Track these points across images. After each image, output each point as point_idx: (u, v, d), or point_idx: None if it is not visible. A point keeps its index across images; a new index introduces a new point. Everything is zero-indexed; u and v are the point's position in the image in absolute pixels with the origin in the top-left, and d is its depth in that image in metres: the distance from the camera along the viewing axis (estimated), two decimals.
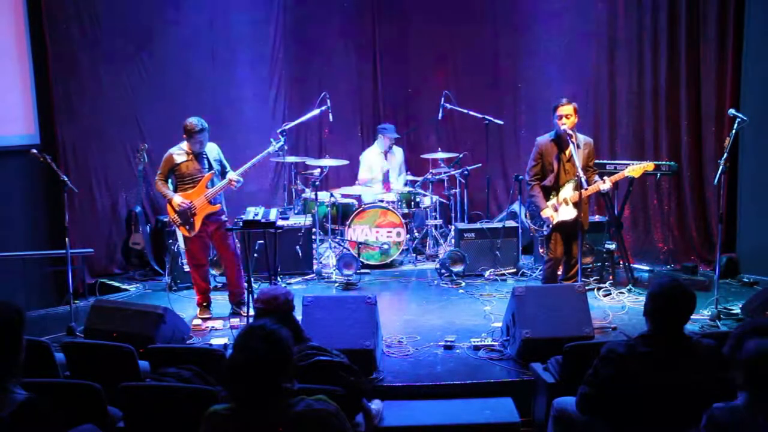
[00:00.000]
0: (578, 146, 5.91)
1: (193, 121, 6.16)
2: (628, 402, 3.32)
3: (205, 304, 6.49)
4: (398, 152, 8.78)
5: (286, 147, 6.84)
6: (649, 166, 6.22)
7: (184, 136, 6.20)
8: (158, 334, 5.19)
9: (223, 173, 6.40)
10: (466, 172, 8.21)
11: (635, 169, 6.18)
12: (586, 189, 5.79)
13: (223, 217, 6.40)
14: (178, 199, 6.20)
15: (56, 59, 7.36)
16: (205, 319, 6.34)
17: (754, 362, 2.77)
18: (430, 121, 9.00)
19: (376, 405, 4.38)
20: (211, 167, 6.29)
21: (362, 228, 7.91)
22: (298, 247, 7.68)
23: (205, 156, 6.28)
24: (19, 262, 6.94)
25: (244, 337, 2.63)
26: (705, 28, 7.55)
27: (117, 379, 3.72)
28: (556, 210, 6.03)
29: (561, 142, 6.02)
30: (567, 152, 5.99)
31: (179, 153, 6.24)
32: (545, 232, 6.11)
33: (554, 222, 6.02)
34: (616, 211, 7.09)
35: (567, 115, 5.91)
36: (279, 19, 9.10)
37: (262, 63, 9.07)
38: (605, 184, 5.95)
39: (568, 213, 5.97)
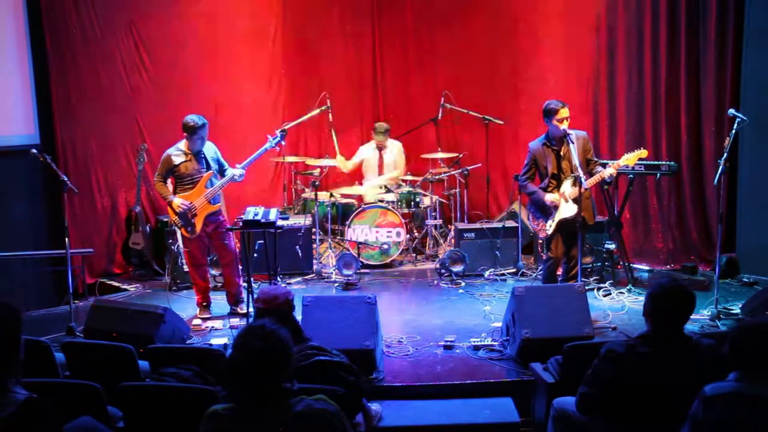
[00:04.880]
0: (572, 142, 5.90)
1: (193, 118, 6.15)
2: (628, 402, 3.32)
3: (205, 304, 6.49)
4: (394, 146, 8.71)
5: (283, 142, 6.82)
6: (642, 153, 6.12)
7: (184, 134, 6.19)
8: (158, 334, 5.20)
9: (221, 172, 6.39)
10: (466, 172, 8.21)
11: (629, 158, 6.09)
12: (586, 188, 5.78)
13: (221, 217, 6.40)
14: (177, 200, 6.19)
15: (56, 59, 7.37)
16: (205, 319, 6.34)
17: (740, 339, 2.90)
18: (430, 121, 8.99)
19: (375, 407, 4.39)
20: (209, 167, 6.28)
21: (362, 228, 7.91)
22: (298, 247, 7.69)
23: (203, 155, 6.27)
24: (19, 262, 6.95)
25: (244, 336, 2.63)
26: (705, 28, 7.55)
27: (117, 379, 3.73)
28: (557, 207, 6.02)
29: (555, 143, 6.03)
30: (563, 152, 5.99)
31: (177, 154, 6.22)
32: (548, 232, 6.08)
33: (559, 206, 5.98)
34: (616, 211, 7.09)
35: (567, 117, 5.93)
36: (279, 19, 9.09)
37: (262, 63, 9.07)
38: (608, 170, 5.93)
39: (568, 210, 5.97)
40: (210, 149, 6.34)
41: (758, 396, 2.85)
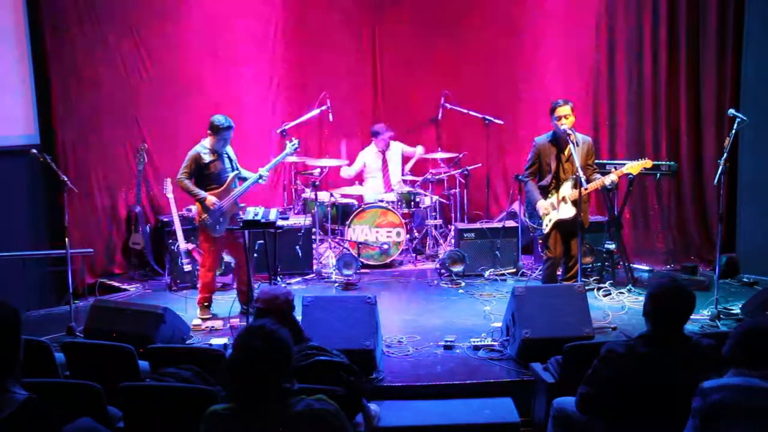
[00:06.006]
0: (577, 144, 5.92)
1: (221, 118, 6.19)
2: (628, 402, 3.32)
3: (206, 305, 6.48)
4: (396, 147, 8.75)
5: (298, 149, 6.88)
6: (647, 163, 6.21)
7: (209, 132, 6.19)
8: (158, 334, 5.20)
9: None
10: (466, 172, 8.21)
11: (634, 166, 6.15)
12: (586, 188, 5.80)
13: (239, 217, 6.39)
14: (212, 198, 6.17)
15: (56, 59, 7.36)
16: (205, 319, 6.34)
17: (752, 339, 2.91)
18: (430, 121, 8.99)
19: (373, 408, 4.39)
20: (233, 167, 6.31)
21: (362, 228, 7.91)
22: (298, 247, 7.69)
23: (227, 155, 6.30)
24: (19, 262, 6.94)
25: (244, 336, 2.63)
26: (705, 29, 7.56)
27: (117, 379, 3.73)
28: (554, 208, 6.03)
29: (560, 142, 6.04)
30: (566, 152, 6.00)
31: (206, 152, 6.22)
32: (544, 231, 6.11)
33: (549, 215, 6.01)
34: (616, 211, 7.09)
35: (566, 115, 5.94)
36: (279, 19, 9.09)
37: (262, 63, 9.07)
38: (609, 177, 5.95)
39: (567, 211, 5.98)
40: (230, 150, 6.38)
41: (753, 385, 2.85)
